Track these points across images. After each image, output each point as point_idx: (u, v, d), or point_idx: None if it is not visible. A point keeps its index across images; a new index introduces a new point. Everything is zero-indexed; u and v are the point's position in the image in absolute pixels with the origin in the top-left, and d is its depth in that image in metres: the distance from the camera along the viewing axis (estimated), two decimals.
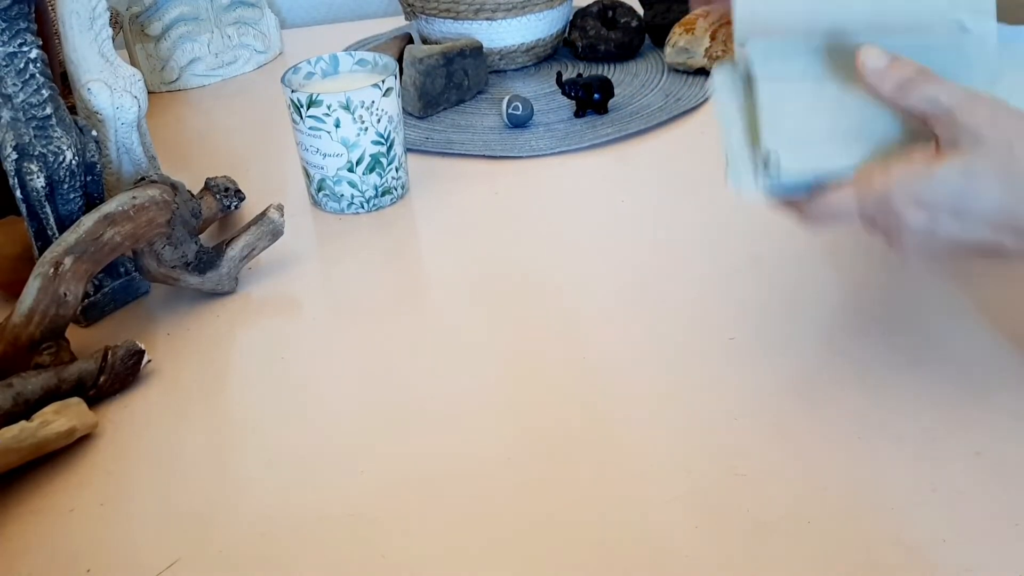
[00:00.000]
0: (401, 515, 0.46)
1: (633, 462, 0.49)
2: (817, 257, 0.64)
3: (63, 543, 0.46)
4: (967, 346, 0.55)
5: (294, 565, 0.44)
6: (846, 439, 0.49)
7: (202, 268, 0.62)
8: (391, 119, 0.72)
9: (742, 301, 0.60)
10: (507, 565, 0.43)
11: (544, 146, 0.81)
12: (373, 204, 0.74)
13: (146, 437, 0.53)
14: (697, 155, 0.79)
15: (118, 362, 0.55)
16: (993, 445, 0.48)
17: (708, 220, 0.70)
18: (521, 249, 0.68)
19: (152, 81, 1.00)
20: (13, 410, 0.51)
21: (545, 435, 0.51)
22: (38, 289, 0.55)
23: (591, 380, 0.54)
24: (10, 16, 0.56)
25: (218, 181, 0.72)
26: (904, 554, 0.42)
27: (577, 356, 0.56)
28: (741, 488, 0.46)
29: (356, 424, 0.53)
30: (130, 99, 0.67)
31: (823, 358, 0.55)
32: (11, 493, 0.49)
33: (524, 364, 0.56)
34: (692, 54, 0.92)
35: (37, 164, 0.58)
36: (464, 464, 0.49)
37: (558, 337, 0.58)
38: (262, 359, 0.59)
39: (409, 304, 0.63)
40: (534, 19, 0.95)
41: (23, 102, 0.58)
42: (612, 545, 0.44)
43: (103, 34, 0.67)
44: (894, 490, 0.45)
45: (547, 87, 0.93)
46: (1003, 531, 0.43)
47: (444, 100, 0.89)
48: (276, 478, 0.49)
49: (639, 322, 0.59)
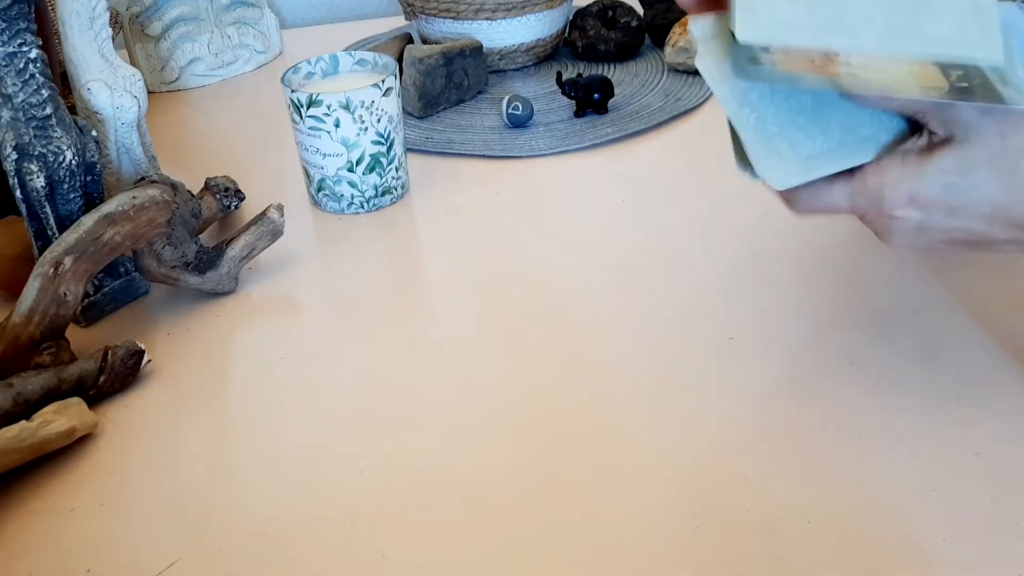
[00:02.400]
0: (401, 515, 0.46)
1: (633, 462, 0.49)
2: (817, 257, 0.64)
3: (63, 543, 0.46)
4: (967, 346, 0.55)
5: (294, 565, 0.44)
6: (846, 439, 0.49)
7: (202, 268, 0.63)
8: (391, 119, 0.72)
9: (742, 301, 0.60)
10: (507, 564, 0.43)
11: (544, 146, 0.81)
12: (373, 204, 0.74)
13: (146, 437, 0.53)
14: (697, 155, 0.79)
15: (118, 362, 0.55)
16: (993, 445, 0.48)
17: (708, 220, 0.70)
18: (521, 249, 0.68)
19: (152, 81, 1.00)
20: (13, 410, 0.51)
21: (544, 434, 0.51)
22: (38, 289, 0.55)
23: (591, 379, 0.54)
24: (10, 16, 0.56)
25: (218, 181, 0.72)
26: (904, 554, 0.42)
27: (577, 355, 0.56)
28: (741, 488, 0.46)
29: (356, 424, 0.53)
30: (130, 99, 0.67)
31: (823, 358, 0.55)
32: (11, 493, 0.49)
33: (523, 364, 0.56)
34: (692, 54, 0.92)
35: (37, 164, 0.58)
36: (464, 464, 0.49)
37: (557, 336, 0.58)
38: (262, 359, 0.59)
39: (409, 304, 0.63)
40: (534, 19, 0.95)
41: (23, 102, 0.58)
42: (612, 544, 0.44)
43: (103, 34, 0.67)
44: (894, 490, 0.45)
45: (547, 87, 0.93)
46: (1003, 531, 0.43)
47: (444, 100, 0.89)
48: (276, 478, 0.49)
49: (639, 322, 0.59)
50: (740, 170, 0.45)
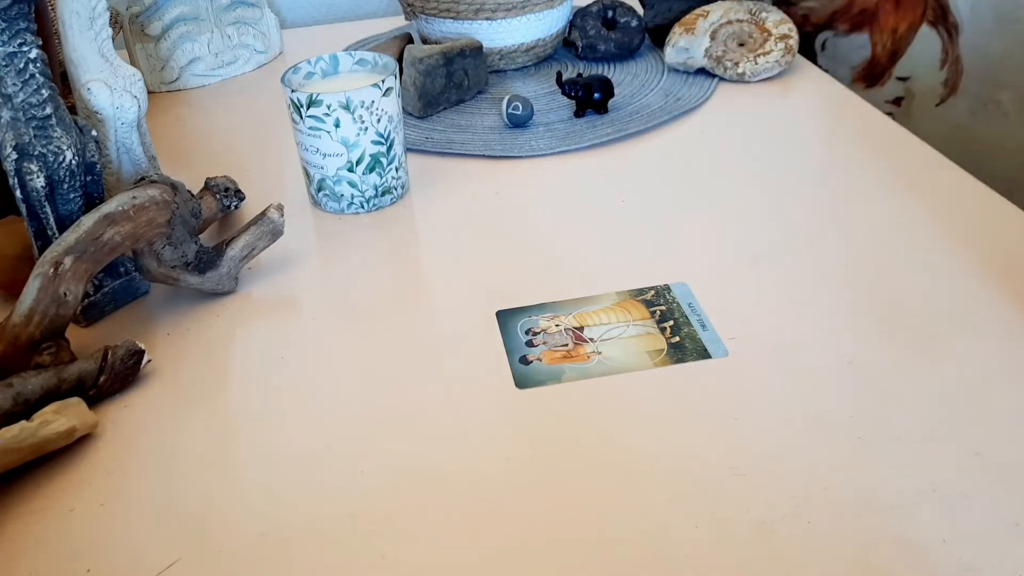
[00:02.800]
0: (401, 515, 0.46)
1: (632, 461, 0.49)
2: (817, 257, 0.64)
3: (63, 543, 0.46)
4: (967, 346, 0.55)
5: (294, 565, 0.44)
6: (846, 439, 0.49)
7: (202, 268, 0.63)
8: (391, 119, 0.72)
9: (742, 300, 0.60)
10: (507, 564, 0.43)
11: (544, 146, 0.82)
12: (373, 204, 0.74)
13: (146, 437, 0.53)
14: (697, 155, 0.80)
15: (118, 362, 0.55)
16: (993, 445, 0.48)
17: (707, 220, 0.70)
18: (521, 249, 0.68)
19: (152, 81, 1.00)
20: (13, 410, 0.51)
21: (545, 434, 0.51)
22: (38, 289, 0.55)
23: (590, 378, 0.54)
24: (10, 16, 0.56)
25: (218, 181, 0.72)
26: (904, 554, 0.42)
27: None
28: (741, 488, 0.46)
29: (356, 424, 0.53)
30: (130, 99, 0.67)
31: (823, 358, 0.55)
32: (11, 493, 0.49)
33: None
34: (692, 54, 0.92)
35: (37, 164, 0.58)
36: (464, 464, 0.49)
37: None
38: (262, 359, 0.59)
39: (409, 304, 0.63)
40: (534, 19, 0.95)
41: (23, 102, 0.58)
42: (612, 544, 0.44)
43: (103, 34, 0.67)
44: (894, 490, 0.45)
45: (547, 87, 0.93)
46: (1003, 531, 0.43)
47: (444, 100, 0.89)
48: (276, 478, 0.49)
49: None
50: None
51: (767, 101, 0.88)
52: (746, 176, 0.75)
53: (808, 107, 0.87)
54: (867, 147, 0.78)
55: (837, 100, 0.88)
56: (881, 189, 0.72)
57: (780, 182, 0.74)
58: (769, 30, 0.92)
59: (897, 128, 0.81)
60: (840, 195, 0.72)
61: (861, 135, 0.80)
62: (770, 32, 0.92)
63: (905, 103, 1.12)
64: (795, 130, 0.82)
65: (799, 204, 0.71)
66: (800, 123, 0.84)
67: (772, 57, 0.90)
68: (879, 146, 0.78)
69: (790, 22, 0.93)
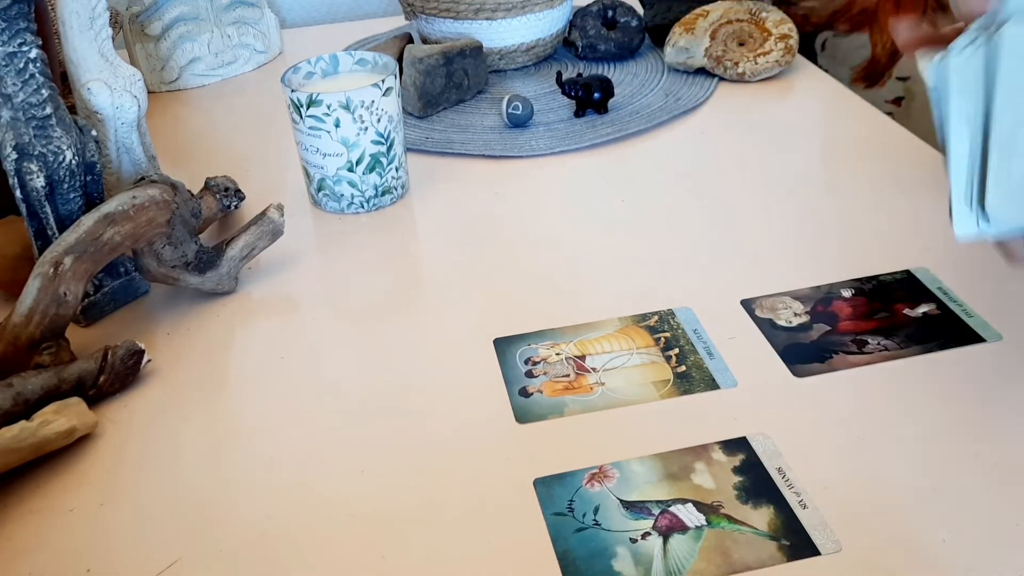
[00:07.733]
0: (401, 515, 0.46)
1: (630, 460, 0.48)
2: (817, 257, 0.64)
3: (63, 543, 0.46)
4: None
5: (294, 565, 0.44)
6: (847, 439, 0.49)
7: (202, 268, 0.63)
8: (391, 119, 0.72)
9: (741, 300, 0.60)
10: (507, 564, 0.43)
11: (544, 146, 0.82)
12: (373, 204, 0.74)
13: (146, 437, 0.53)
14: (697, 155, 0.79)
15: (118, 362, 0.55)
16: (993, 445, 0.48)
17: (707, 219, 0.70)
18: (521, 249, 0.68)
19: (152, 81, 1.00)
20: (13, 410, 0.51)
21: (544, 434, 0.51)
22: (38, 289, 0.55)
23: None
24: (10, 16, 0.56)
25: (218, 181, 0.72)
26: (904, 554, 0.42)
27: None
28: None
29: (356, 424, 0.53)
30: (130, 99, 0.67)
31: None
32: (11, 493, 0.49)
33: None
34: (692, 54, 0.92)
35: (37, 164, 0.58)
36: (464, 464, 0.49)
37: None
38: (262, 359, 0.59)
39: (409, 304, 0.63)
40: (534, 19, 0.95)
41: (23, 102, 0.58)
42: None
43: (103, 34, 0.67)
44: (894, 490, 0.45)
45: (547, 87, 0.93)
46: (1003, 531, 0.43)
47: (444, 100, 0.89)
48: (276, 478, 0.49)
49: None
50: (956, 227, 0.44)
51: (767, 101, 0.88)
52: (746, 176, 0.75)
53: (808, 107, 0.87)
54: (867, 147, 0.78)
55: (837, 100, 0.88)
56: (881, 189, 0.72)
57: (780, 182, 0.74)
58: (769, 30, 0.92)
59: (897, 128, 0.81)
60: (840, 195, 0.71)
61: (861, 135, 0.80)
62: (770, 32, 0.92)
63: (905, 103, 1.12)
64: (795, 130, 0.82)
65: (799, 204, 0.71)
66: (800, 123, 0.84)
67: (772, 57, 0.90)
68: (879, 146, 0.78)
69: (790, 22, 0.93)
